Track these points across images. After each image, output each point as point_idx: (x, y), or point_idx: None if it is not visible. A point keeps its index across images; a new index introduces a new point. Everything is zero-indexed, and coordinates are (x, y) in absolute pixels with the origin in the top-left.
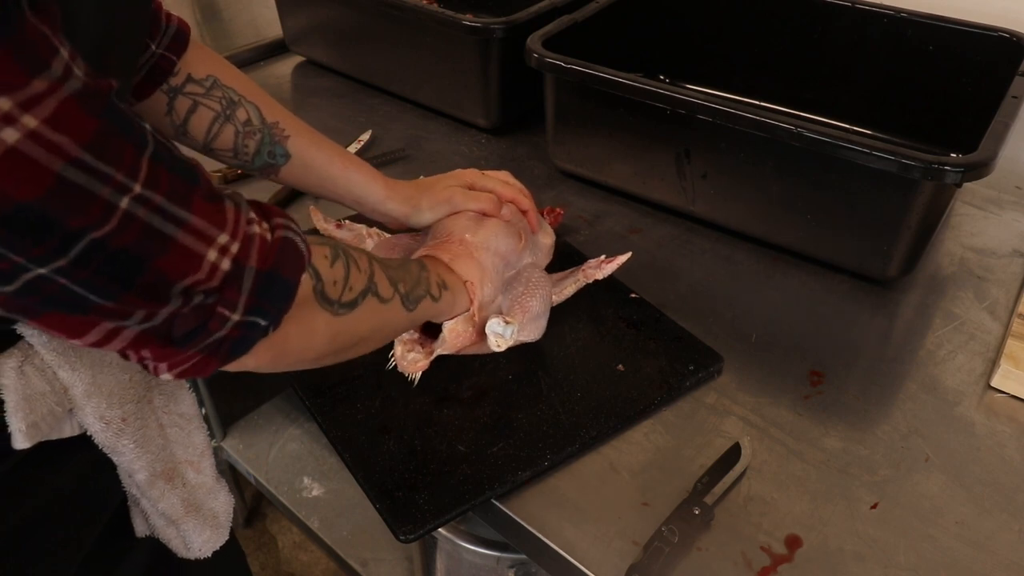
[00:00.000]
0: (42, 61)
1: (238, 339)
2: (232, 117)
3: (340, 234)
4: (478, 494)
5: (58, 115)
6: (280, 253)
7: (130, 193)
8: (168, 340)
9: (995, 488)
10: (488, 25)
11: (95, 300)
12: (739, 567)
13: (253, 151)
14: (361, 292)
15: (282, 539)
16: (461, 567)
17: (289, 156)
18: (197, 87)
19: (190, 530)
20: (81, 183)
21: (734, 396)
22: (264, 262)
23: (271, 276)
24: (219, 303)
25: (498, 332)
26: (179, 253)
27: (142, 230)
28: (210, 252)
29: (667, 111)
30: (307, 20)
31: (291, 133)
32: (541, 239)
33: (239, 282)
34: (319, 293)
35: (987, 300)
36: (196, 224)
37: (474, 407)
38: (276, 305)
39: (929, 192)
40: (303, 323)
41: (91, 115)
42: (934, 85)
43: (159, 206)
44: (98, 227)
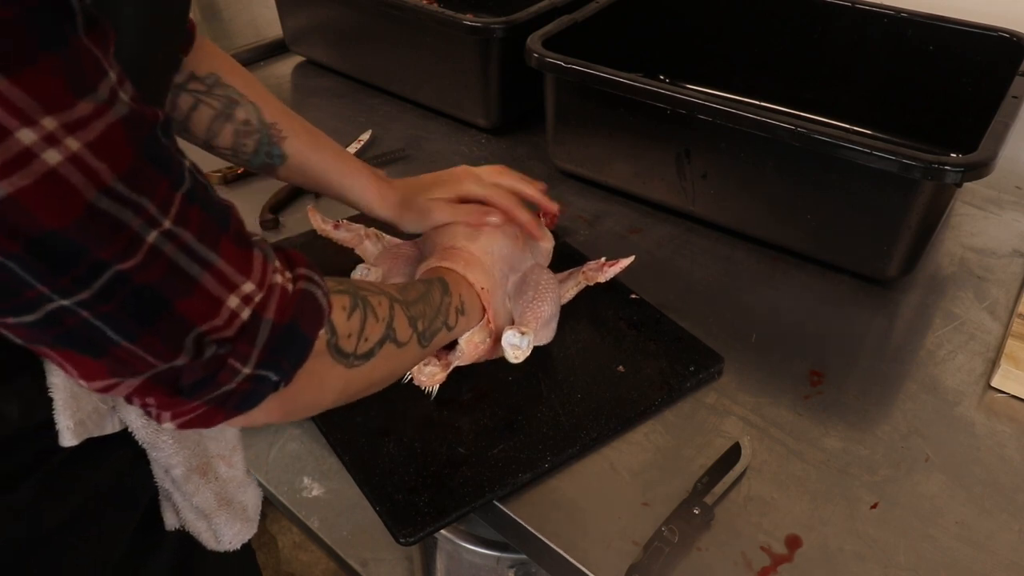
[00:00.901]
0: (90, 83)
1: (247, 393)
2: (232, 116)
3: (338, 234)
4: (478, 496)
5: (101, 140)
6: (299, 307)
7: (159, 227)
8: (175, 389)
9: (995, 488)
10: (488, 25)
11: (113, 339)
12: (739, 567)
13: (251, 150)
14: (378, 342)
15: (282, 539)
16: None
17: (286, 157)
18: (199, 85)
19: (222, 523)
20: (112, 213)
21: (734, 396)
22: (282, 315)
23: (288, 330)
24: (231, 355)
25: (515, 343)
26: (201, 296)
27: (168, 267)
28: (232, 299)
29: (667, 111)
30: (307, 20)
31: (288, 135)
32: (542, 243)
33: (255, 334)
34: (333, 347)
35: (987, 300)
36: (222, 268)
37: (474, 409)
38: (289, 360)
39: (929, 192)
40: (315, 377)
41: (132, 143)
42: (934, 85)
43: (187, 244)
44: (124, 260)
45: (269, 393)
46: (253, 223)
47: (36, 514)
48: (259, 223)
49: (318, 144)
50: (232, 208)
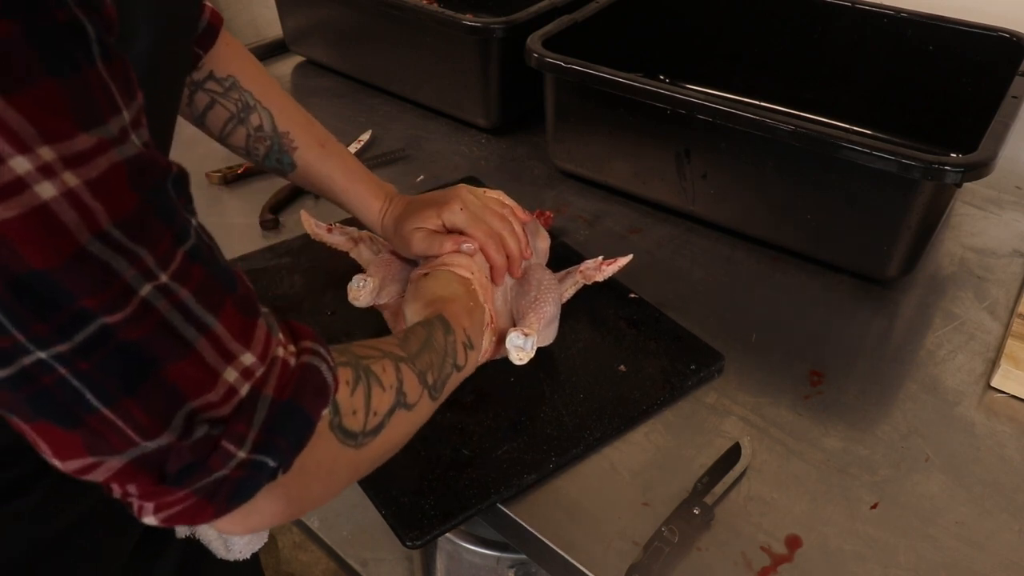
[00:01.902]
0: (98, 116)
1: (241, 481)
2: (246, 121)
3: (331, 238)
4: (484, 498)
5: (103, 179)
6: (301, 383)
7: (155, 281)
8: (160, 476)
9: (995, 488)
10: (488, 25)
11: (90, 403)
12: (739, 567)
13: (263, 155)
14: (387, 412)
15: (282, 539)
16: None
17: (295, 166)
18: (216, 85)
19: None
20: (104, 259)
21: (734, 396)
22: (283, 391)
23: (288, 408)
24: (224, 436)
25: (519, 345)
26: (195, 363)
27: (159, 325)
28: (230, 371)
29: (667, 111)
30: (307, 20)
31: (300, 145)
32: (539, 243)
33: (252, 413)
34: (338, 428)
35: (987, 300)
36: (221, 335)
37: (477, 411)
38: (289, 442)
39: (929, 192)
40: (322, 466)
41: (136, 189)
42: (934, 85)
43: (184, 303)
44: (112, 312)
45: (265, 482)
46: (253, 223)
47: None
48: (259, 223)
49: (327, 157)
50: (240, 275)
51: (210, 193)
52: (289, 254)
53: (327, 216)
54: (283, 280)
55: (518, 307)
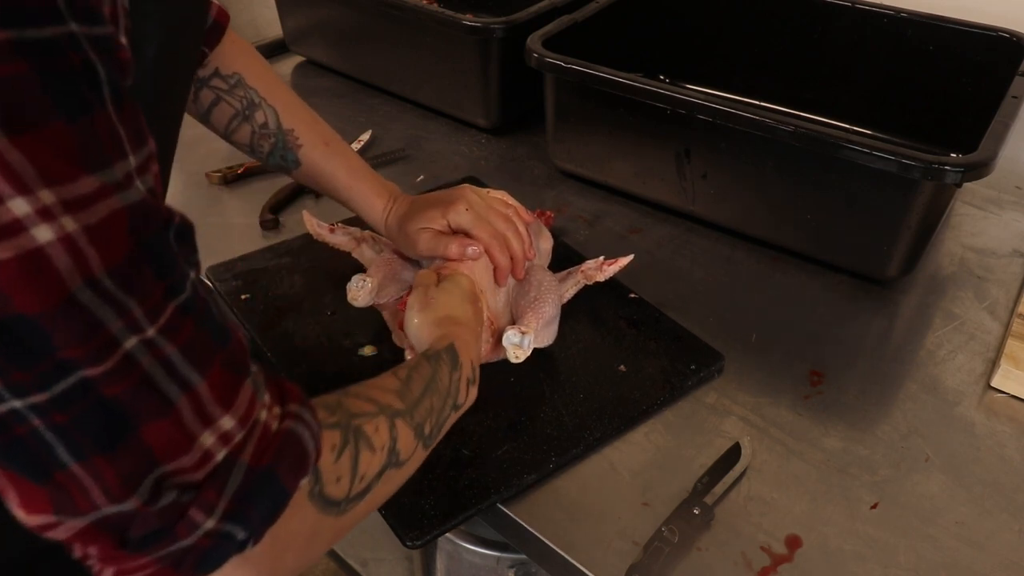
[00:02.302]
0: (104, 159)
1: (207, 551)
2: (251, 118)
3: (334, 238)
4: (484, 498)
5: (101, 225)
6: (280, 450)
7: (141, 334)
8: (121, 540)
9: (995, 488)
10: (488, 25)
11: (61, 458)
12: (739, 567)
13: (267, 152)
14: (376, 475)
15: None
16: (461, 567)
17: (299, 164)
18: (222, 83)
19: None
20: (92, 309)
21: (734, 396)
22: (260, 458)
23: (264, 478)
24: (194, 504)
25: (515, 343)
26: (173, 425)
27: (141, 381)
28: (207, 435)
29: (667, 111)
30: (307, 20)
31: (304, 143)
32: (541, 244)
33: (225, 480)
34: (318, 497)
35: (987, 300)
36: (203, 394)
37: (477, 411)
38: (261, 513)
39: (929, 192)
40: (298, 537)
41: (133, 235)
42: (934, 85)
43: (168, 358)
44: (94, 364)
45: (233, 553)
46: (253, 223)
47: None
48: (259, 223)
49: (331, 156)
50: (235, 331)
51: (210, 193)
52: (289, 254)
53: (328, 216)
54: (283, 280)
55: (518, 307)
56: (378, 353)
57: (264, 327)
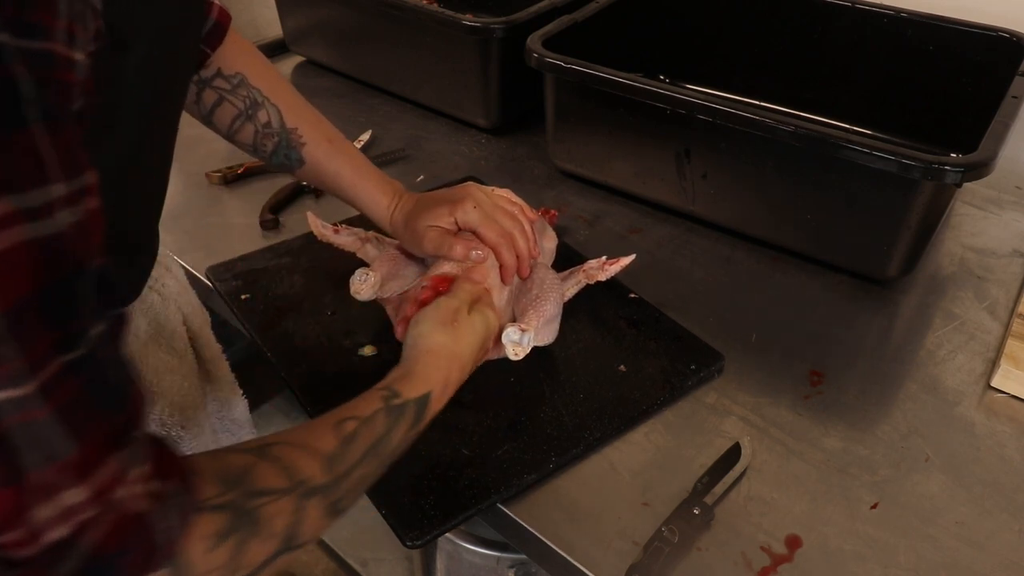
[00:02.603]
0: (16, 184)
1: None
2: (253, 117)
3: (338, 239)
4: (484, 498)
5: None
6: (130, 538)
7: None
8: None
9: (995, 488)
10: (488, 25)
11: None
12: (739, 567)
13: (270, 151)
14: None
15: None
16: (461, 567)
17: (303, 162)
18: (224, 83)
19: None
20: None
21: (734, 396)
22: (105, 544)
23: (101, 568)
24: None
25: (515, 340)
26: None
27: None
28: (42, 509)
29: (667, 111)
30: (307, 20)
31: (308, 141)
32: (545, 243)
33: (55, 563)
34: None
35: (987, 300)
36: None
37: (477, 410)
38: None
39: (929, 192)
40: None
41: (33, 276)
42: (934, 85)
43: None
44: None
45: None
46: (253, 223)
47: None
48: (259, 223)
49: (335, 153)
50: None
51: (210, 193)
52: (289, 254)
53: (330, 216)
54: (283, 280)
55: (519, 304)
56: (378, 353)
57: (264, 327)
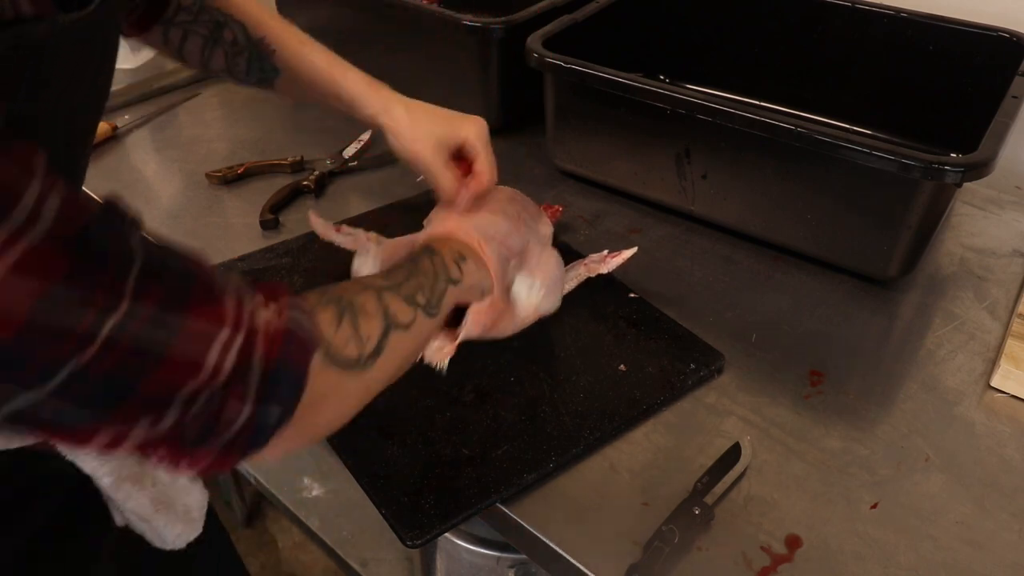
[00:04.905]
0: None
1: (252, 434)
2: (220, 39)
3: (339, 238)
4: (484, 498)
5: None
6: (284, 342)
7: (115, 314)
8: (179, 442)
9: (995, 488)
10: (488, 25)
11: (87, 415)
12: (739, 567)
13: (244, 69)
14: (380, 335)
15: (282, 539)
16: (461, 567)
17: (278, 71)
18: (185, 15)
19: (161, 525)
20: (56, 320)
21: (734, 396)
22: (269, 355)
23: (277, 368)
24: (227, 400)
25: (528, 284)
26: (175, 363)
27: (129, 350)
28: (211, 354)
29: (667, 111)
30: (307, 20)
31: (277, 47)
32: (540, 228)
33: (246, 376)
34: (334, 361)
35: (987, 300)
36: (193, 327)
37: (477, 410)
38: (286, 396)
39: (929, 192)
40: (328, 397)
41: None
42: (934, 85)
43: (149, 319)
44: (79, 355)
45: (274, 431)
46: (253, 223)
47: None
48: (259, 223)
49: (307, 51)
50: (196, 260)
51: (210, 193)
52: (289, 254)
53: (331, 216)
54: (283, 280)
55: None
56: None
57: None
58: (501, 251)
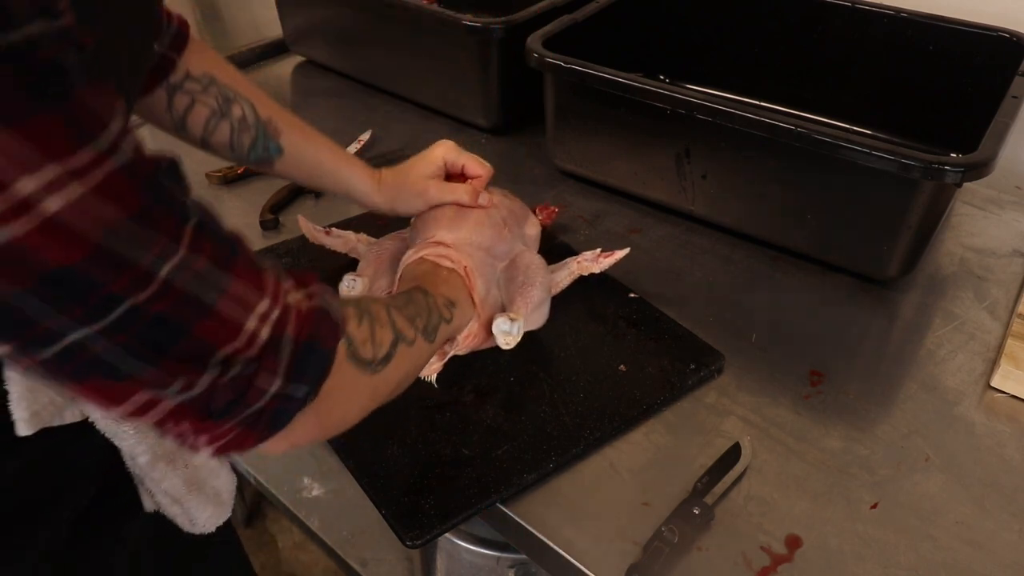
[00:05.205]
0: (89, 133)
1: (276, 411)
2: (228, 114)
3: (329, 240)
4: (484, 498)
5: (104, 185)
6: (316, 323)
7: (172, 259)
8: (206, 413)
9: (995, 488)
10: (488, 25)
11: (133, 364)
12: (739, 567)
13: (248, 146)
14: (391, 343)
15: (282, 539)
16: (461, 567)
17: (282, 151)
18: (195, 84)
19: (193, 507)
20: (121, 251)
21: (734, 396)
22: (300, 332)
23: (308, 346)
24: (257, 373)
25: (505, 330)
26: (218, 320)
27: (182, 296)
28: (250, 320)
29: (667, 111)
30: (307, 20)
31: (283, 128)
32: (527, 229)
33: (277, 352)
34: (353, 357)
35: (987, 300)
36: (237, 290)
37: (477, 410)
38: (314, 375)
39: (929, 192)
40: (343, 391)
41: (136, 189)
42: (934, 85)
43: (200, 271)
44: (137, 292)
45: (297, 410)
46: (253, 223)
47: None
48: (259, 223)
49: (312, 138)
50: (241, 237)
51: (210, 193)
52: (289, 254)
53: (329, 218)
54: None
55: (507, 293)
56: None
57: None
58: (486, 263)
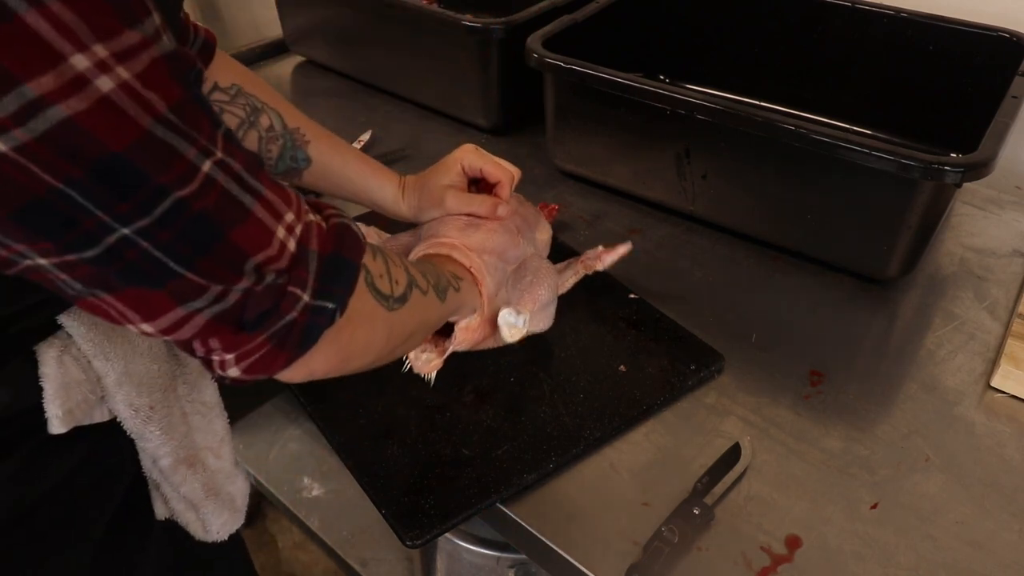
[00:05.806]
0: (136, 16)
1: (307, 325)
2: (256, 123)
3: None
4: (484, 498)
5: (149, 73)
6: (339, 237)
7: (212, 157)
8: (239, 325)
9: (995, 488)
10: (488, 25)
11: (174, 269)
12: (739, 567)
13: (276, 155)
14: (407, 285)
15: (282, 539)
16: (461, 567)
17: (310, 160)
18: (223, 95)
19: (209, 513)
20: (168, 140)
21: (734, 396)
22: (325, 246)
23: (334, 259)
24: (290, 283)
25: (511, 322)
26: (254, 225)
27: (222, 195)
28: (279, 229)
29: (667, 111)
30: (307, 20)
31: (311, 138)
32: (538, 234)
33: (305, 262)
34: (371, 286)
35: (987, 300)
36: (269, 197)
37: (477, 410)
38: (341, 287)
39: (929, 192)
40: (364, 316)
41: (177, 81)
42: (934, 85)
43: (238, 174)
44: (182, 186)
45: (327, 325)
46: None
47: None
48: None
49: (339, 148)
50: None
51: None
52: None
53: None
54: None
55: (514, 293)
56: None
57: None
58: (498, 268)
